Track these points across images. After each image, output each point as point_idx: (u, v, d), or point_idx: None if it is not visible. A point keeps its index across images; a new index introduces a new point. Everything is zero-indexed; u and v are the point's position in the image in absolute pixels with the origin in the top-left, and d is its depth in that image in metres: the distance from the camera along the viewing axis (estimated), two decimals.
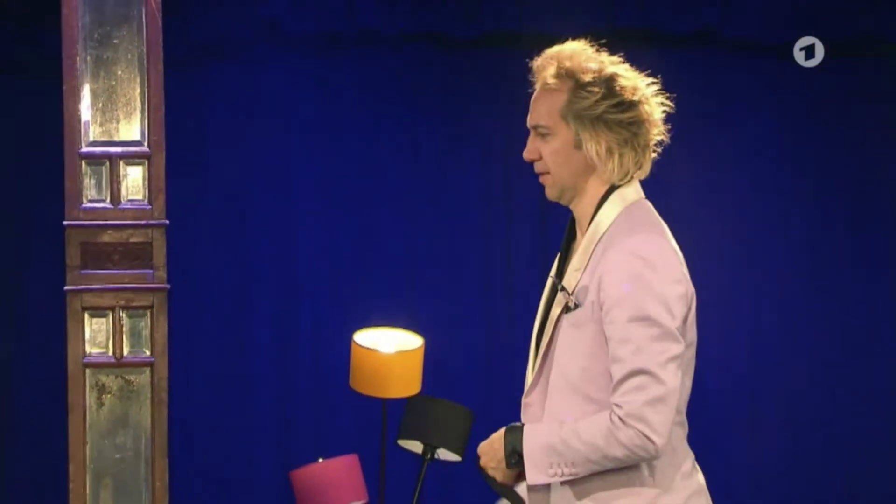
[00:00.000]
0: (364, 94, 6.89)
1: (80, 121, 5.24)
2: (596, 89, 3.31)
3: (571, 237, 3.44)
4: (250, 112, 6.30)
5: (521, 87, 5.87)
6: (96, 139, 5.26)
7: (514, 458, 3.29)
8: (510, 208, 7.11)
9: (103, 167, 5.26)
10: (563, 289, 3.32)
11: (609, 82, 3.32)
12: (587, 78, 3.32)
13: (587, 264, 3.31)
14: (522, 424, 3.32)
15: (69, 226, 5.22)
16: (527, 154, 3.42)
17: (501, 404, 6.37)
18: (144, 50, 5.24)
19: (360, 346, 5.29)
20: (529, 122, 3.44)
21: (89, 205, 5.26)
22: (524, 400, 3.40)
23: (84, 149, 5.24)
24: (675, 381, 3.25)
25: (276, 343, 5.94)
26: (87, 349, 5.24)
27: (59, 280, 5.29)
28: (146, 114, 5.26)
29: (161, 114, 5.21)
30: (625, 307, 3.22)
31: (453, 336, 6.79)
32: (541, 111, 3.37)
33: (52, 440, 5.63)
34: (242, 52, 6.33)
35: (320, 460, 4.95)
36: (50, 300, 5.77)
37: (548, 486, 3.36)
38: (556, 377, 3.32)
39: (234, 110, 6.32)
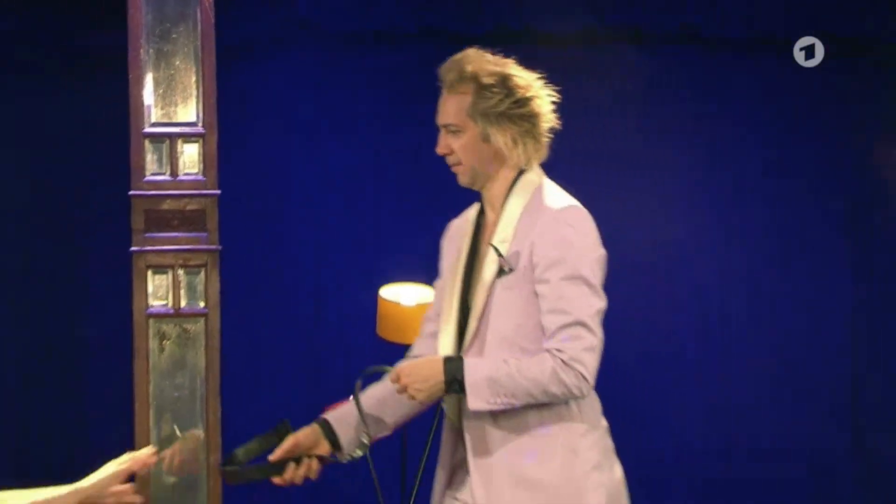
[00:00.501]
0: (380, 86, 6.68)
1: (143, 105, 5.45)
2: (497, 89, 3.58)
3: (482, 218, 3.68)
4: (285, 98, 6.24)
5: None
6: (157, 121, 5.46)
7: (455, 385, 3.49)
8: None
9: (163, 145, 5.46)
10: (500, 255, 3.53)
11: (507, 82, 3.59)
12: (488, 80, 3.58)
13: (514, 235, 3.55)
14: (460, 357, 3.53)
15: (134, 195, 5.41)
16: (439, 149, 3.65)
17: None
18: (199, 44, 5.44)
19: (385, 299, 5.54)
20: (439, 121, 3.66)
21: (151, 177, 5.46)
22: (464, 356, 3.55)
23: (147, 129, 5.44)
24: (601, 332, 3.52)
25: (311, 297, 6.00)
26: (150, 302, 5.45)
27: (125, 243, 5.46)
28: (201, 99, 5.46)
29: (213, 99, 5.39)
30: (559, 268, 3.48)
31: None
32: (449, 112, 3.61)
33: (121, 381, 5.61)
34: (276, 46, 6.24)
35: (350, 399, 5.21)
36: (117, 260, 5.79)
37: (487, 424, 3.56)
38: (492, 334, 3.55)
39: (272, 96, 6.30)
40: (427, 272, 5.76)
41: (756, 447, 6.82)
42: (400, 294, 5.47)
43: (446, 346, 3.65)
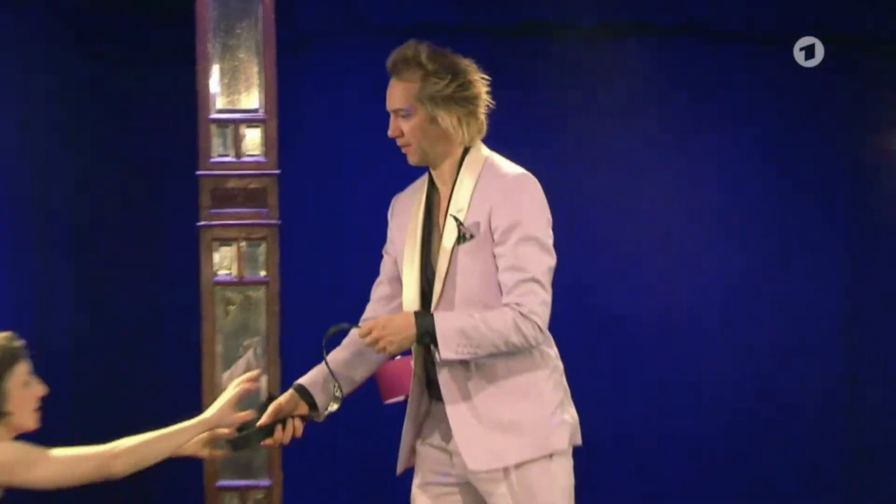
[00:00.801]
0: None
1: (210, 94, 5.61)
2: (442, 75, 3.71)
3: (433, 192, 3.82)
4: (338, 86, 6.30)
5: (553, 71, 6.13)
6: (222, 108, 5.63)
7: (427, 337, 3.63)
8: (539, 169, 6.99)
9: (228, 129, 5.61)
10: (461, 224, 3.68)
11: (451, 68, 3.74)
12: (434, 67, 3.72)
13: (469, 204, 3.70)
14: (430, 312, 3.67)
15: (201, 175, 5.59)
16: (391, 132, 3.78)
17: None
18: (261, 38, 5.61)
19: None
20: (389, 106, 3.77)
21: (217, 159, 5.62)
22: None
23: (213, 115, 5.61)
24: (551, 288, 3.69)
25: (362, 267, 5.69)
26: (216, 271, 5.63)
27: (193, 218, 5.63)
28: (262, 87, 5.62)
29: (274, 88, 5.55)
30: (516, 230, 3.65)
31: None
32: (399, 97, 3.75)
33: (190, 342, 5.70)
34: (330, 39, 6.32)
35: (397, 358, 4.89)
36: (187, 234, 5.85)
37: (460, 375, 3.70)
38: (459, 295, 3.70)
39: (327, 85, 6.35)
40: None
41: (754, 445, 6.75)
42: None
43: (412, 306, 3.77)
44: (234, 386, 3.85)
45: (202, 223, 5.66)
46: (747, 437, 6.76)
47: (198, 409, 5.30)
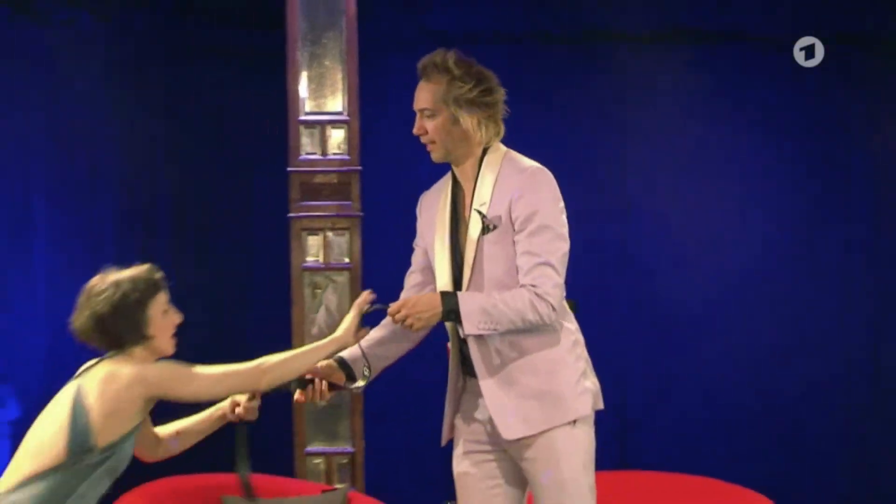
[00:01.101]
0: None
1: (299, 97, 5.84)
2: (467, 79, 3.85)
3: (457, 188, 3.95)
4: (412, 89, 5.97)
5: (610, 75, 6.59)
6: (310, 110, 5.84)
7: (452, 315, 3.79)
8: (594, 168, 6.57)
9: (315, 130, 5.82)
10: (484, 217, 3.83)
11: (476, 74, 3.87)
12: (459, 72, 3.86)
13: (491, 199, 3.85)
14: (455, 292, 3.82)
15: (291, 171, 5.82)
16: (416, 130, 3.92)
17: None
18: (344, 47, 5.83)
19: None
20: (416, 106, 3.91)
21: (306, 156, 5.83)
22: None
23: (302, 117, 5.83)
24: (565, 272, 3.84)
25: None
26: (304, 258, 5.83)
27: (284, 210, 5.83)
28: (346, 92, 5.83)
29: (356, 92, 5.76)
30: (534, 219, 3.79)
31: None
32: (426, 98, 3.88)
33: (281, 322, 5.80)
34: (405, 47, 6.04)
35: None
36: (278, 224, 5.98)
37: (493, 351, 3.84)
38: (486, 280, 3.85)
39: (403, 90, 5.50)
40: None
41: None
42: None
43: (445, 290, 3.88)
44: (355, 308, 3.99)
45: (292, 215, 5.86)
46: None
47: (287, 395, 5.82)
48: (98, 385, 3.85)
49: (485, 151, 3.91)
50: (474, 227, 3.86)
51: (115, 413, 3.83)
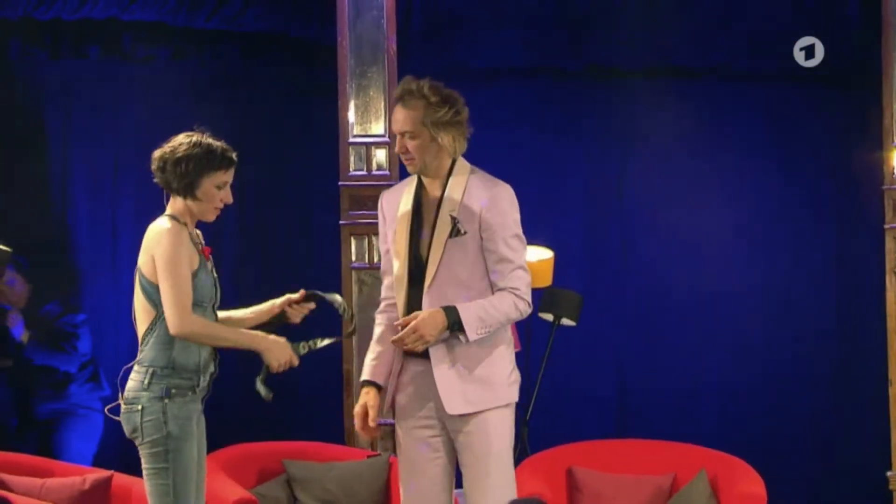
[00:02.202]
0: (513, 114, 6.90)
1: (348, 123, 6.35)
2: (442, 105, 4.05)
3: (420, 189, 4.13)
4: None
5: (612, 105, 7.01)
6: (357, 134, 6.34)
7: (455, 326, 4.02)
8: (594, 189, 7.08)
9: (362, 150, 6.32)
10: (456, 221, 4.04)
11: (447, 98, 4.07)
12: (435, 98, 4.06)
13: (461, 205, 4.06)
14: (453, 306, 4.03)
15: (342, 185, 6.35)
16: (398, 150, 4.13)
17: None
18: (386, 80, 6.32)
19: None
20: (397, 129, 4.10)
21: (354, 172, 6.35)
22: (425, 296, 4.05)
23: (350, 139, 6.33)
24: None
25: None
26: (353, 259, 6.34)
27: (335, 218, 6.33)
28: (386, 118, 6.29)
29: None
30: (505, 229, 4.07)
31: (569, 247, 6.76)
32: (406, 122, 4.07)
33: (333, 311, 5.38)
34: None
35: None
36: (330, 230, 6.44)
37: (445, 342, 4.09)
38: (449, 278, 4.06)
39: None
40: (544, 237, 6.40)
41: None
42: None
43: (401, 284, 4.16)
44: (283, 298, 4.27)
45: (343, 222, 6.41)
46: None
47: (338, 372, 6.39)
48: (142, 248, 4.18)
49: (453, 163, 4.16)
50: (443, 229, 4.09)
51: (149, 263, 4.15)
